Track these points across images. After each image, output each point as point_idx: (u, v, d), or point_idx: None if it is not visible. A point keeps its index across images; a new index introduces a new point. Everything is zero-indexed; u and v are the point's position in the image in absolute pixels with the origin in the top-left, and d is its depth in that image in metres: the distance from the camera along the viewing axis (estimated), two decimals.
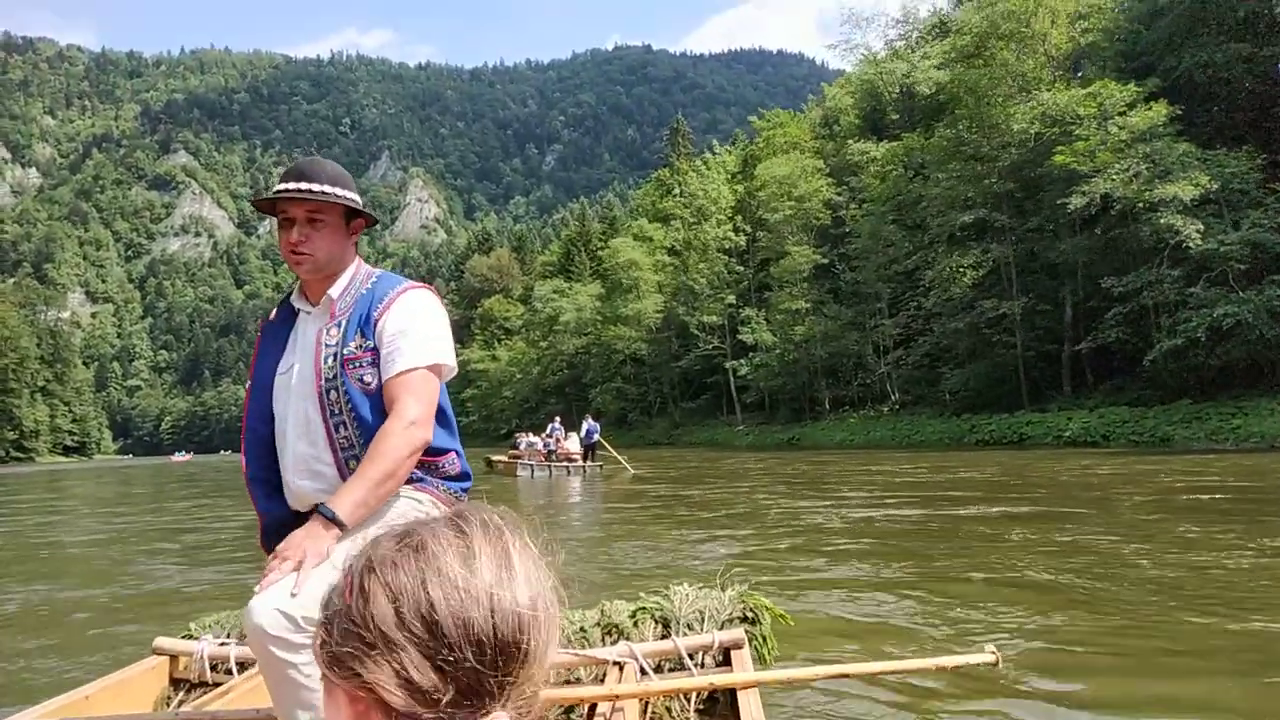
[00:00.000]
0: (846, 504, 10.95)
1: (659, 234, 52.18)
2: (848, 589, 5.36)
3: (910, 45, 45.47)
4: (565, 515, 12.82)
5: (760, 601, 2.84)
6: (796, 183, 38.83)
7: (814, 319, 37.30)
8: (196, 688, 2.65)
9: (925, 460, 20.47)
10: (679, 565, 6.51)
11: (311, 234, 1.92)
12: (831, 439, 33.73)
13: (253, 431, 2.01)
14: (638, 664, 2.46)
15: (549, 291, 68.66)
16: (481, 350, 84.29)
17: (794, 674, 2.51)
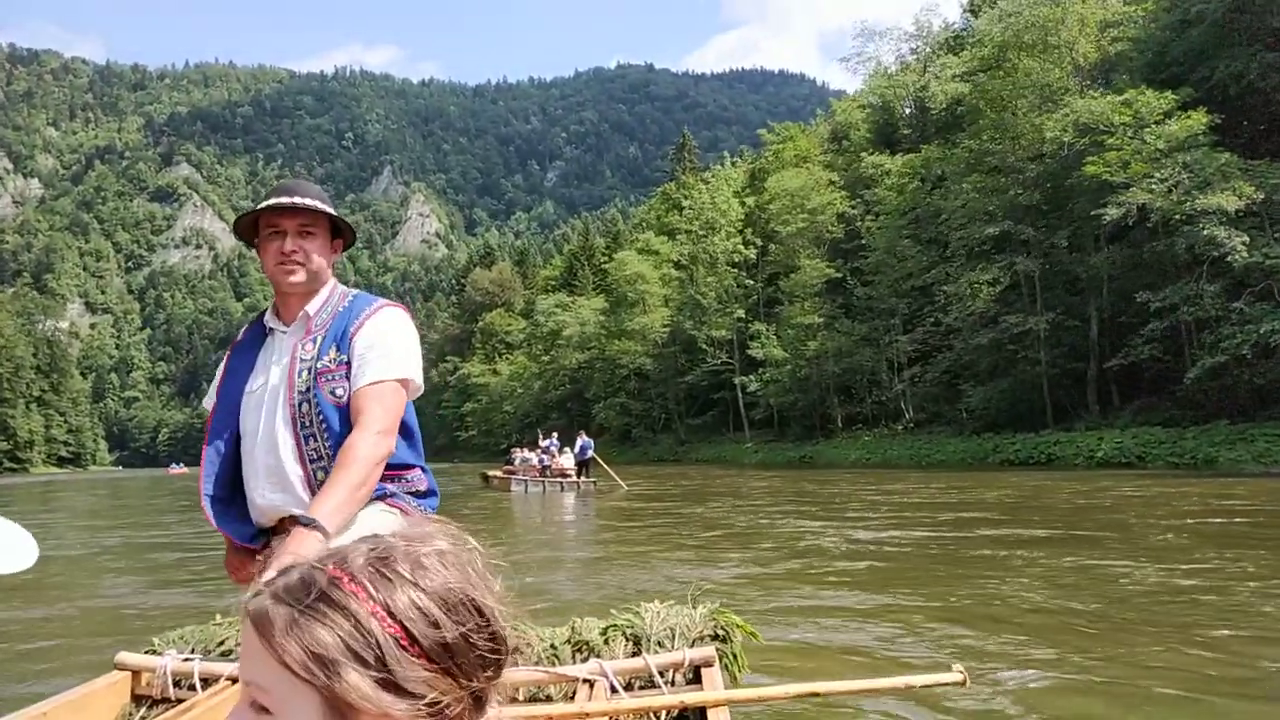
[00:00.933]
0: (852, 525, 10.70)
1: (665, 247, 51.31)
2: (831, 610, 5.37)
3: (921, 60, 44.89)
4: (556, 531, 12.92)
5: (731, 619, 2.82)
6: (809, 195, 38.01)
7: (826, 334, 36.33)
8: (159, 704, 2.59)
9: (944, 481, 19.67)
10: (664, 584, 6.37)
11: (304, 244, 1.97)
12: (845, 457, 32.68)
13: (215, 449, 2.03)
14: (608, 681, 2.46)
15: (551, 305, 67.85)
16: (482, 364, 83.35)
17: (764, 693, 2.47)
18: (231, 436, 2.02)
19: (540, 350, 69.93)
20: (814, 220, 37.95)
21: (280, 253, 1.96)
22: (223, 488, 2.02)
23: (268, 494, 1.92)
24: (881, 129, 44.44)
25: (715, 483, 22.70)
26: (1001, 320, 27.63)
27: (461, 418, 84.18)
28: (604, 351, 54.24)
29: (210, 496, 2.02)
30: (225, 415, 2.03)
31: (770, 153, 49.42)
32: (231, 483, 2.02)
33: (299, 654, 0.61)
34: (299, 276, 1.97)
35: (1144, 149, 22.78)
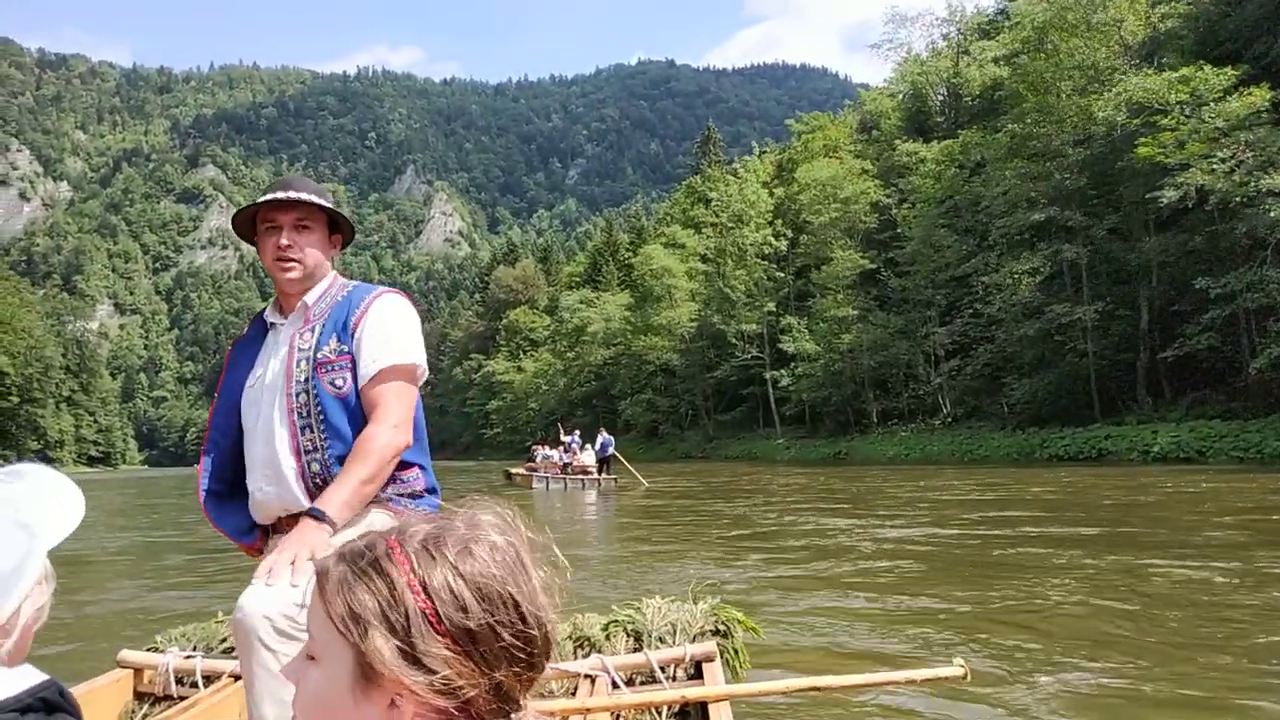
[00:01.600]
0: (882, 523, 10.34)
1: (692, 241, 50.47)
2: (846, 611, 5.28)
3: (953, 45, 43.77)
4: (574, 528, 12.86)
5: (732, 615, 2.81)
6: (841, 184, 37.03)
7: (861, 327, 35.37)
8: (161, 701, 2.60)
9: (986, 477, 18.83)
10: (677, 582, 6.20)
11: (299, 239, 1.97)
12: (882, 453, 31.76)
13: (215, 445, 2.03)
14: (609, 677, 2.47)
15: (576, 302, 67.33)
16: (506, 362, 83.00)
17: (765, 687, 2.46)
18: (232, 431, 2.01)
19: (565, 347, 69.40)
20: (847, 210, 36.97)
21: (276, 248, 1.96)
22: (222, 482, 2.03)
23: (264, 487, 1.92)
24: (914, 117, 43.33)
25: (742, 480, 22.22)
26: (1047, 310, 26.57)
27: (486, 415, 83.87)
28: (630, 347, 53.51)
29: (208, 491, 2.03)
30: (226, 410, 2.03)
31: (799, 143, 48.45)
32: (232, 478, 2.02)
33: (342, 609, 0.65)
34: (295, 272, 1.97)
35: (1202, 128, 21.69)
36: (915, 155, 35.96)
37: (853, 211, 37.10)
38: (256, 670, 1.61)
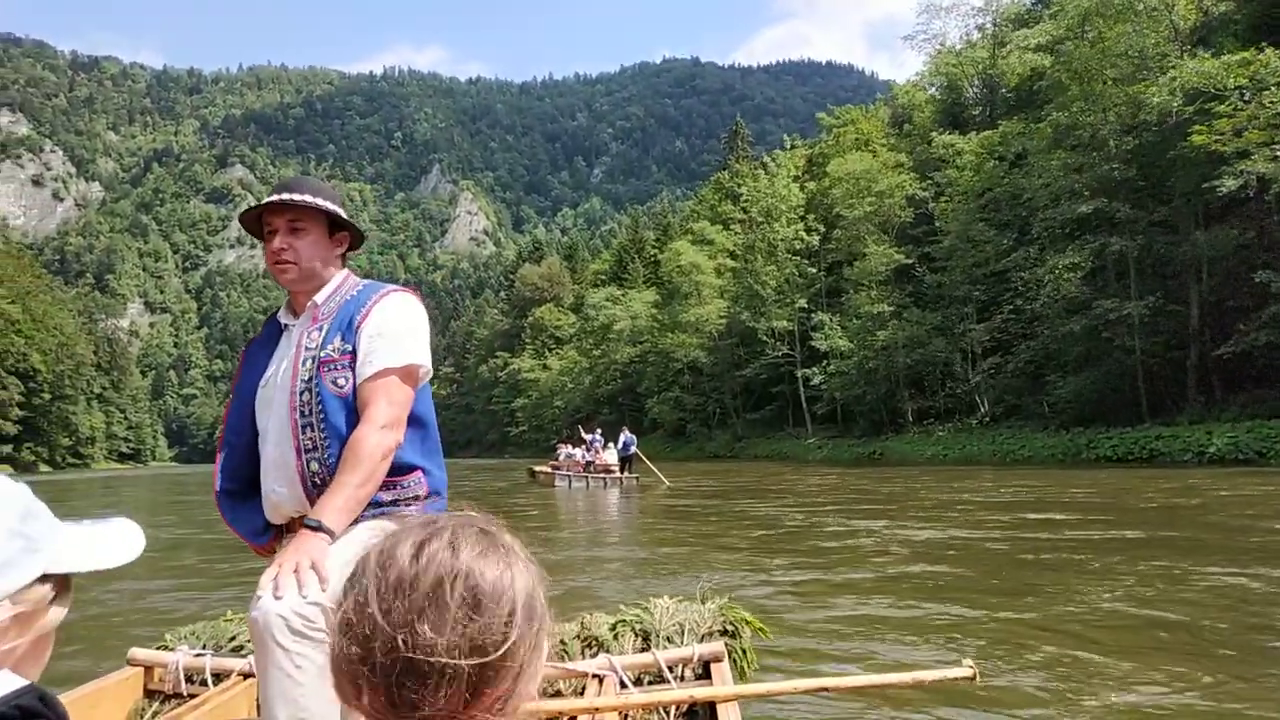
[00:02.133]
0: (914, 525, 10.05)
1: (720, 236, 49.74)
2: (867, 618, 5.19)
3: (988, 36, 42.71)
4: (595, 526, 12.83)
5: (740, 615, 2.81)
6: (876, 178, 36.17)
7: (896, 324, 34.50)
8: (171, 699, 2.62)
9: (1029, 478, 18.19)
10: (691, 582, 5.84)
11: (293, 241, 1.97)
12: (919, 453, 30.90)
13: (229, 445, 2.05)
14: (617, 677, 2.47)
15: (602, 299, 66.88)
16: (532, 359, 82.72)
17: (773, 687, 2.47)
18: (246, 431, 2.02)
19: (591, 344, 68.97)
20: (881, 204, 36.10)
21: (271, 250, 1.98)
22: (236, 482, 2.03)
23: (277, 488, 1.94)
24: (948, 110, 42.35)
25: (771, 480, 21.83)
26: (1094, 305, 25.61)
27: (512, 413, 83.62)
28: (656, 345, 52.96)
29: (223, 491, 2.03)
30: (240, 410, 2.04)
31: (830, 137, 47.57)
32: (247, 477, 2.02)
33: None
34: (290, 274, 1.98)
35: (1262, 114, 20.69)
36: (952, 147, 35.05)
37: (887, 205, 36.22)
38: (271, 669, 1.61)
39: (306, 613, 1.62)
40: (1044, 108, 30.87)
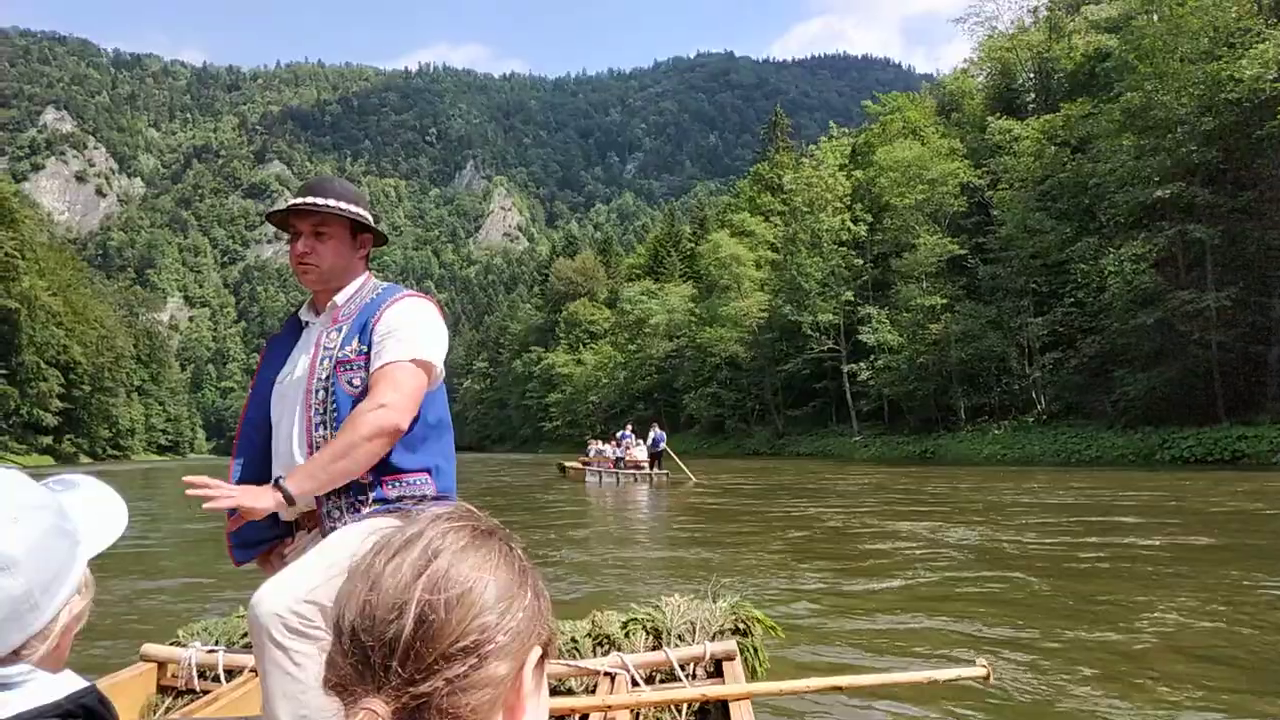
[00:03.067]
0: (965, 527, 9.60)
1: (761, 228, 48.41)
2: (885, 616, 5.11)
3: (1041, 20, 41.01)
4: (622, 522, 12.82)
5: (751, 613, 2.82)
6: (928, 165, 34.69)
7: (950, 317, 33.04)
8: (184, 694, 2.64)
9: (1097, 480, 17.23)
10: (729, 578, 5.94)
11: (317, 245, 2.00)
12: (975, 452, 29.50)
13: (245, 439, 2.07)
14: (629, 675, 2.47)
15: (637, 293, 65.81)
16: (566, 354, 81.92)
17: (786, 686, 2.45)
18: (264, 427, 2.04)
19: (625, 339, 67.96)
20: (933, 192, 34.62)
21: (295, 255, 2.01)
22: (253, 477, 2.02)
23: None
24: (1001, 95, 40.69)
25: (811, 478, 21.18)
26: (1168, 297, 24.06)
27: (546, 408, 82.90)
28: (694, 339, 51.74)
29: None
30: (257, 407, 2.06)
31: (877, 126, 46.04)
32: (262, 473, 2.01)
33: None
34: (311, 276, 2.01)
35: None
36: (1009, 133, 33.52)
37: (939, 194, 34.74)
38: (269, 667, 1.62)
39: (304, 611, 1.62)
40: (1105, 91, 29.35)
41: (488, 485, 23.91)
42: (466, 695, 0.60)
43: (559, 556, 8.46)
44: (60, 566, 0.83)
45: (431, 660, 0.60)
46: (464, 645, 0.61)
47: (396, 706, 0.59)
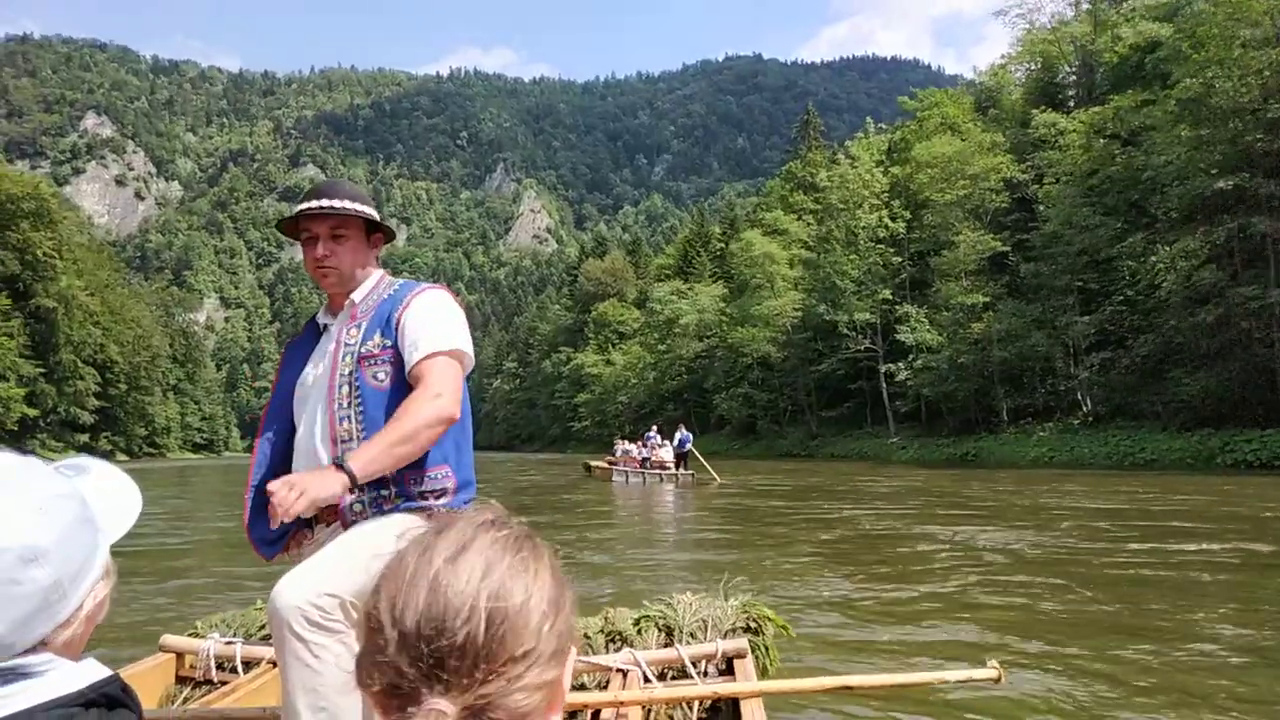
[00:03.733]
0: (1006, 531, 9.30)
1: (794, 226, 47.59)
2: (903, 619, 5.12)
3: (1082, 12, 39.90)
4: (648, 521, 12.83)
5: (763, 611, 2.82)
6: (969, 160, 33.76)
7: (992, 316, 32.08)
8: (202, 685, 2.66)
9: (1151, 484, 16.52)
10: (743, 578, 5.31)
11: (335, 248, 2.01)
12: (1021, 455, 28.52)
13: (267, 440, 2.08)
14: (641, 671, 2.48)
15: (667, 293, 65.26)
16: (595, 355, 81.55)
17: (797, 685, 2.47)
18: (285, 430, 2.06)
19: (655, 339, 67.41)
20: (975, 188, 33.67)
21: (314, 258, 2.01)
22: (273, 476, 1.97)
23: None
24: (1044, 90, 39.62)
25: (846, 480, 20.70)
26: (1230, 293, 23.01)
27: (575, 408, 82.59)
28: (725, 339, 51.01)
29: (256, 487, 2.01)
30: (279, 408, 2.08)
31: (913, 122, 45.09)
32: (281, 473, 2.00)
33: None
34: (331, 279, 2.03)
35: None
36: (1054, 127, 32.52)
37: (981, 190, 33.78)
38: (289, 659, 1.64)
39: (323, 604, 1.63)
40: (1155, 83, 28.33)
41: (515, 484, 23.76)
42: (526, 695, 0.62)
43: (584, 556, 8.45)
44: (86, 555, 0.84)
45: (501, 663, 0.62)
46: (526, 649, 0.63)
47: (462, 707, 0.61)
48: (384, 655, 0.62)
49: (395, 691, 0.62)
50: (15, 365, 54.41)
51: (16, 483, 0.81)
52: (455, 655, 0.61)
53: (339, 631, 1.64)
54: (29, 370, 55.85)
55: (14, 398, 53.72)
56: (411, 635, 0.61)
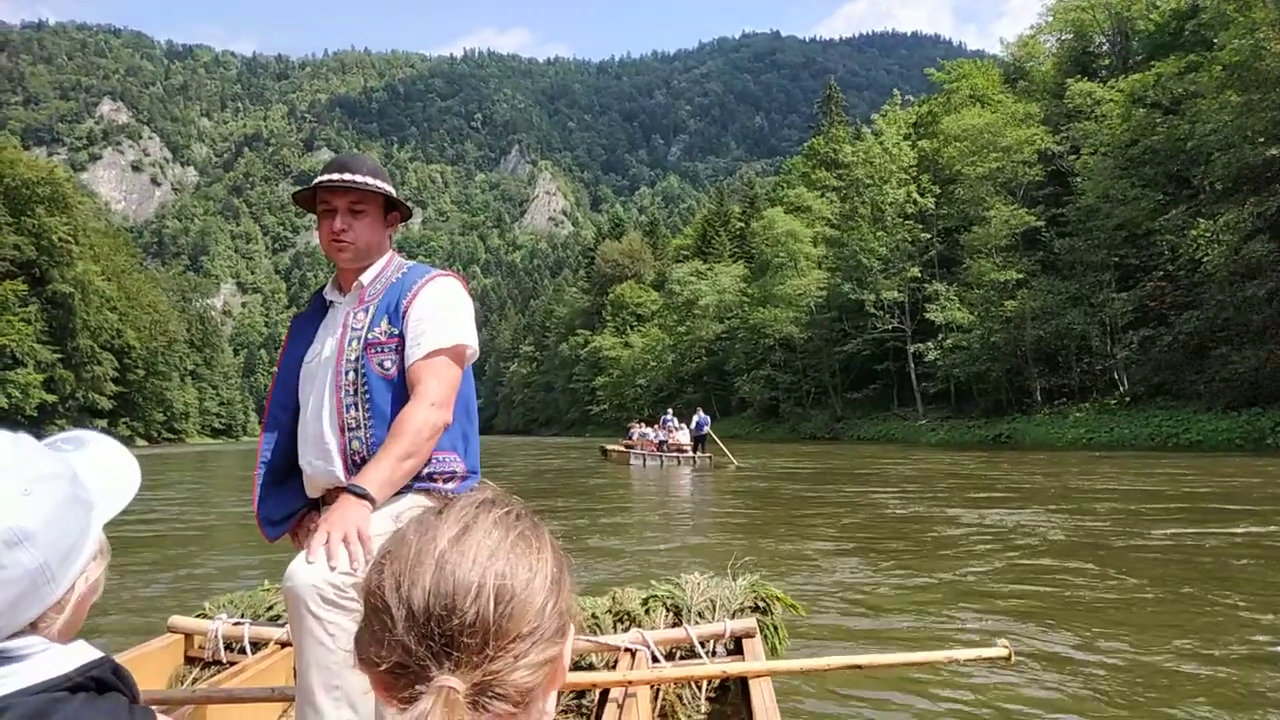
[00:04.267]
0: (1039, 513, 9.06)
1: (818, 204, 46.50)
2: (920, 603, 5.04)
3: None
4: (664, 507, 12.56)
5: (771, 591, 2.84)
6: (1002, 131, 32.60)
7: (1026, 293, 31.04)
8: (210, 666, 2.69)
9: (1196, 466, 15.76)
10: (755, 559, 4.88)
11: (353, 222, 2.00)
12: (1057, 436, 27.61)
13: (274, 418, 2.09)
14: (649, 651, 2.49)
15: (686, 274, 64.30)
16: (613, 337, 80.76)
17: (806, 664, 2.49)
18: (291, 406, 2.06)
19: (674, 321, 66.51)
20: (1008, 160, 32.52)
21: (331, 231, 2.00)
22: (281, 457, 2.06)
23: (314, 461, 1.98)
24: (1076, 59, 38.28)
25: (870, 463, 20.17)
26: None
27: (593, 392, 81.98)
28: (746, 320, 50.07)
29: (266, 466, 2.06)
30: (285, 385, 2.08)
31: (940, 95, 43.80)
32: (291, 452, 2.05)
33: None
34: (347, 254, 2.01)
35: None
36: (1090, 97, 31.31)
37: (1014, 163, 32.62)
38: (305, 637, 1.65)
39: (338, 582, 1.64)
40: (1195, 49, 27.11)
41: (532, 469, 23.60)
42: (530, 672, 0.64)
43: (599, 539, 8.37)
44: (77, 536, 0.83)
45: (509, 640, 0.63)
46: (531, 627, 0.64)
47: (470, 684, 0.62)
48: (391, 634, 0.63)
49: (402, 670, 0.62)
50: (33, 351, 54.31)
51: (6, 461, 0.79)
52: (465, 633, 0.62)
53: (354, 610, 1.62)
54: (47, 356, 55.73)
55: (32, 383, 53.69)
56: (420, 614, 0.62)
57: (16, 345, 52.54)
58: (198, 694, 2.19)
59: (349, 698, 1.65)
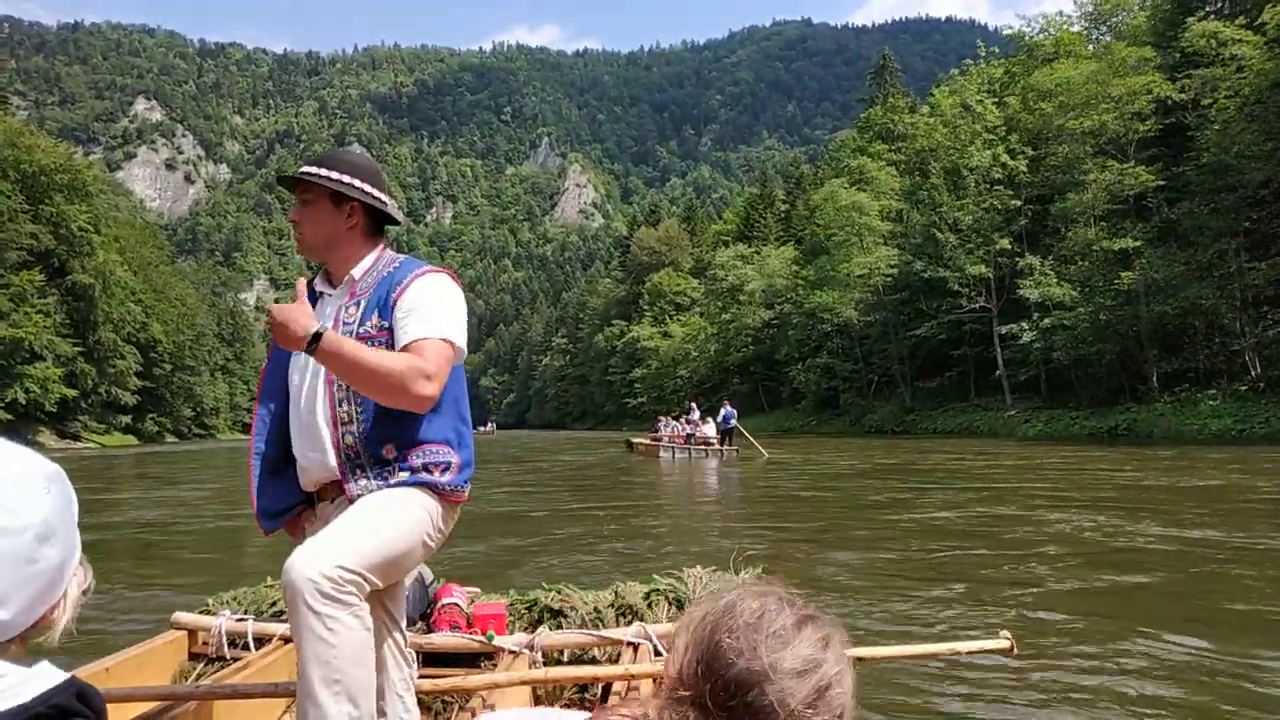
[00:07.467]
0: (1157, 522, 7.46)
1: (884, 175, 42.61)
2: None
3: None
4: (690, 504, 12.24)
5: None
6: (1109, 81, 28.60)
7: (1143, 264, 27.09)
8: (214, 662, 2.71)
9: None
10: (770, 556, 5.62)
11: (303, 213, 1.99)
12: (1187, 427, 23.70)
13: (266, 409, 2.08)
14: (652, 644, 2.52)
15: (731, 258, 60.66)
16: (651, 327, 77.21)
17: None
18: (282, 395, 2.05)
19: (718, 309, 62.84)
20: (1120, 112, 28.48)
21: (289, 221, 2.04)
22: (275, 446, 2.04)
23: (308, 453, 1.97)
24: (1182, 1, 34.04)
25: (950, 460, 17.74)
26: None
27: (630, 384, 78.56)
28: (801, 305, 46.26)
29: (261, 457, 2.04)
30: (276, 374, 2.07)
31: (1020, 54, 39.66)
32: (284, 442, 2.04)
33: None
34: (301, 244, 2.03)
35: None
36: (1214, 39, 27.22)
37: (1125, 117, 28.58)
38: (304, 633, 1.65)
39: (335, 576, 1.64)
40: None
41: (557, 462, 22.84)
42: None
43: (632, 527, 8.11)
44: (76, 536, 0.83)
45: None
46: (838, 714, 0.72)
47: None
48: (702, 692, 0.70)
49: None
50: (52, 344, 51.79)
51: (23, 459, 0.79)
52: (786, 706, 0.67)
53: (351, 604, 1.65)
54: (66, 349, 53.22)
55: (51, 378, 51.22)
56: (742, 682, 0.68)
57: (34, 338, 50.11)
58: (201, 690, 2.18)
59: (349, 692, 1.64)
